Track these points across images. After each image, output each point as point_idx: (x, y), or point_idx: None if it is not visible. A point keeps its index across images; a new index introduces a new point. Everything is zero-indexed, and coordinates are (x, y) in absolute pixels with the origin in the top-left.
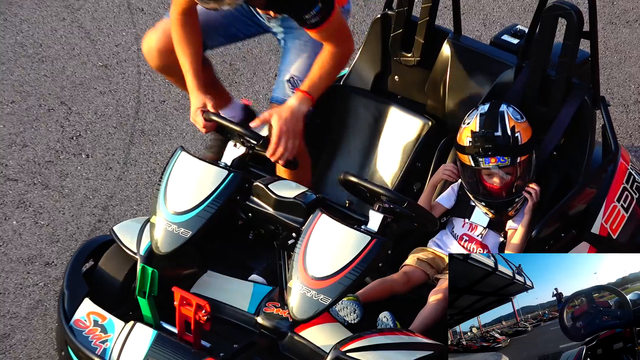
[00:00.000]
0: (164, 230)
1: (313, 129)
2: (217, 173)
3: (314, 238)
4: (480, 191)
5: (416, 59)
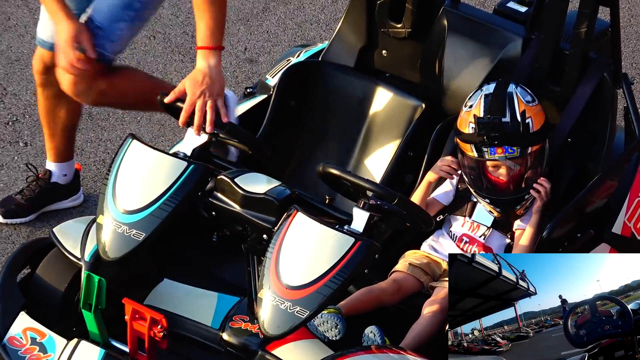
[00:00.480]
0: (113, 232)
1: (287, 113)
2: (174, 165)
3: (288, 240)
4: (484, 186)
5: (407, 31)
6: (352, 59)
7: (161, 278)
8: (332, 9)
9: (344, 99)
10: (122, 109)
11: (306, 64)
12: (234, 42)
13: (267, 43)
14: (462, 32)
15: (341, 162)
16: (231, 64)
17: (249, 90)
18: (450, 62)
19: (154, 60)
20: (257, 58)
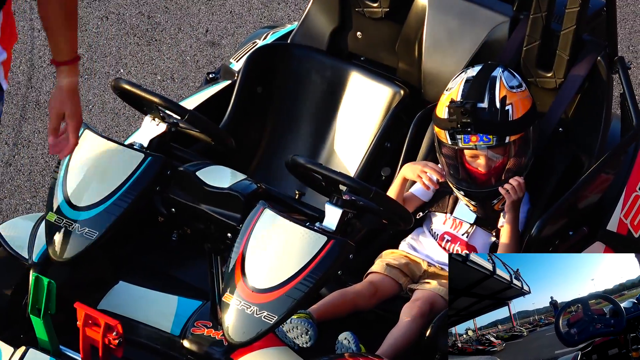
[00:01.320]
0: (64, 231)
1: (253, 100)
2: (130, 157)
3: (254, 239)
4: (460, 177)
5: (384, 10)
6: (324, 42)
7: (116, 280)
8: None
9: (315, 84)
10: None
11: (274, 47)
12: (195, 23)
13: (231, 24)
14: (443, 11)
15: (312, 153)
16: (191, 47)
17: (211, 76)
18: (430, 44)
19: (106, 43)
20: (220, 41)
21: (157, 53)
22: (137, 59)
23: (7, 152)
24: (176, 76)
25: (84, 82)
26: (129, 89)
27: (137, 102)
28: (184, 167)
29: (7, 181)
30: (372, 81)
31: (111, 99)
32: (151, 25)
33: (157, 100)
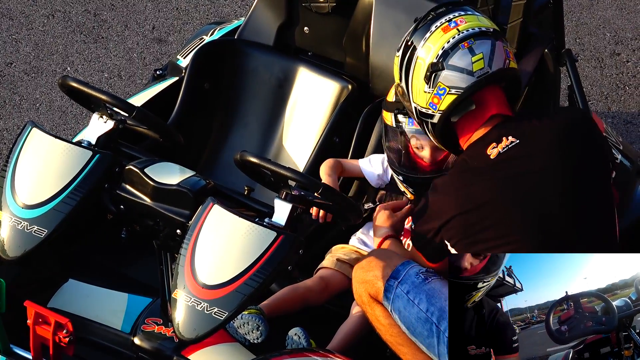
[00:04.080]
0: (12, 229)
1: (200, 96)
2: (78, 154)
3: (204, 235)
4: (402, 162)
5: (331, 5)
6: (271, 37)
7: (66, 278)
8: None
9: (263, 80)
10: None
11: (220, 43)
12: (141, 20)
13: (177, 21)
14: (390, 5)
15: (261, 149)
16: (138, 45)
17: (158, 73)
18: (378, 38)
19: (53, 41)
20: (167, 37)
21: (104, 51)
22: (84, 56)
23: None
24: (123, 74)
25: (30, 80)
26: (76, 87)
27: (85, 99)
28: (132, 164)
29: None
30: (320, 76)
31: (59, 97)
32: (97, 23)
33: (104, 98)
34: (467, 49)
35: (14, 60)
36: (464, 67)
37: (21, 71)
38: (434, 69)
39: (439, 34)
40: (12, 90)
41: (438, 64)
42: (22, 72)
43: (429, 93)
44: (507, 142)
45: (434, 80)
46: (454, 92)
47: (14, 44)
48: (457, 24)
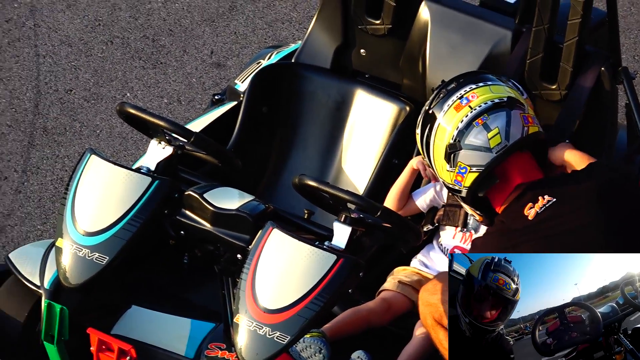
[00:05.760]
0: (74, 256)
1: (259, 120)
2: (138, 181)
3: (264, 259)
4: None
5: (387, 27)
6: (328, 60)
7: (128, 305)
8: (304, 5)
9: (321, 103)
10: None
11: (278, 67)
12: (199, 45)
13: (236, 45)
14: (446, 26)
15: (319, 172)
16: (197, 70)
17: (217, 98)
18: (434, 59)
19: (112, 67)
20: (225, 62)
21: (163, 76)
22: (143, 82)
23: (16, 179)
24: (183, 99)
25: (90, 107)
26: (134, 113)
27: (143, 125)
28: (191, 189)
29: (17, 208)
30: (378, 98)
31: (119, 124)
32: (156, 49)
33: (162, 123)
34: (482, 125)
35: (74, 87)
36: (480, 145)
37: (81, 98)
38: (451, 149)
39: (452, 114)
40: (73, 117)
41: (455, 144)
42: (82, 99)
43: (451, 172)
44: (543, 201)
45: (453, 160)
46: (475, 170)
47: (73, 71)
48: (469, 100)
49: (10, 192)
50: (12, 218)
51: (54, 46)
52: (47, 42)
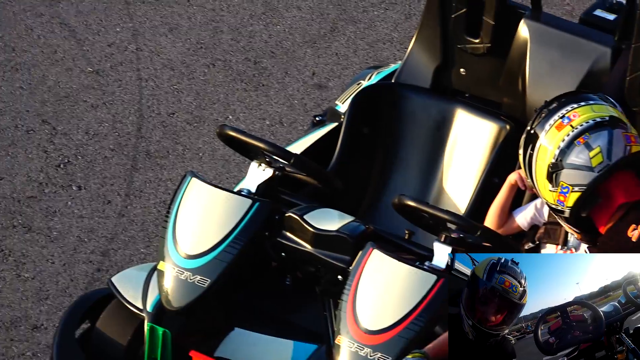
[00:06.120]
0: (176, 279)
1: (359, 141)
2: (239, 203)
3: (365, 280)
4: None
5: (486, 46)
6: (428, 79)
7: (231, 327)
8: (405, 25)
9: (421, 123)
10: None
11: (378, 87)
12: (301, 66)
13: (337, 66)
14: (545, 44)
15: (420, 192)
16: (299, 91)
17: (318, 119)
18: (534, 77)
19: (214, 90)
20: (327, 83)
21: (264, 98)
22: (245, 104)
23: (120, 203)
24: (284, 120)
25: (193, 129)
26: (234, 135)
27: (243, 148)
28: (292, 211)
29: (120, 232)
30: (478, 117)
31: (221, 146)
32: (258, 71)
33: (262, 146)
34: (584, 144)
35: (176, 111)
36: (582, 164)
37: (183, 121)
38: (553, 169)
39: (553, 133)
40: (175, 140)
41: (557, 163)
42: (185, 122)
43: (554, 192)
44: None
45: (555, 179)
46: (578, 190)
47: (175, 94)
48: (571, 120)
49: (114, 216)
50: (116, 242)
51: (156, 69)
52: (150, 66)
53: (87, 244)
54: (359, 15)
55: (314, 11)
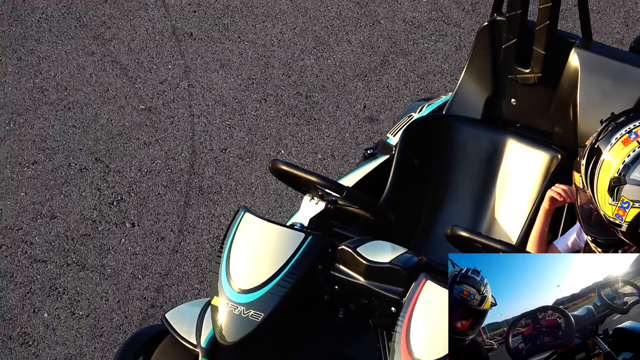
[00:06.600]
0: (229, 314)
1: (411, 173)
2: (291, 237)
3: (418, 311)
4: (592, 222)
5: (537, 76)
6: (479, 110)
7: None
8: (456, 57)
9: (472, 153)
10: None
11: (429, 119)
12: (352, 100)
13: (388, 99)
14: (596, 72)
15: (472, 223)
16: (350, 124)
17: (369, 152)
18: (585, 106)
19: (266, 125)
20: (378, 116)
21: (316, 132)
22: (297, 138)
23: (173, 239)
24: (336, 154)
25: (245, 165)
26: (286, 170)
27: (295, 182)
28: (344, 243)
29: (174, 268)
30: (529, 147)
31: (273, 181)
32: (309, 105)
33: (314, 179)
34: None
35: (229, 146)
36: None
37: (236, 156)
38: (616, 183)
39: (619, 147)
40: (228, 176)
41: (620, 178)
42: (237, 157)
43: (613, 205)
44: None
45: (617, 194)
46: (638, 206)
47: (227, 130)
48: (638, 135)
49: (167, 252)
50: (170, 278)
51: (208, 106)
52: (202, 102)
53: (141, 281)
54: (409, 47)
55: (365, 45)
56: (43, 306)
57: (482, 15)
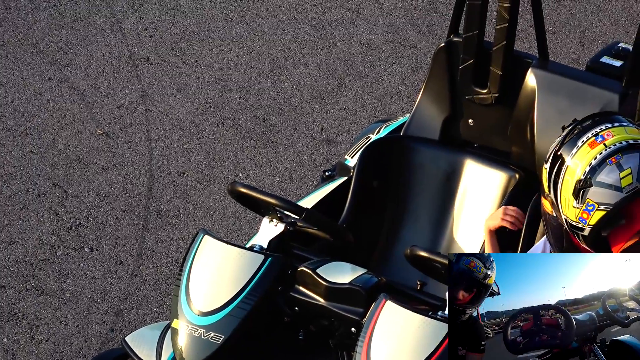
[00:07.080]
0: (189, 337)
1: (369, 194)
2: (251, 259)
3: (378, 332)
4: (563, 248)
5: (494, 96)
6: (437, 131)
7: None
8: (412, 78)
9: (431, 174)
10: None
11: (387, 140)
12: (309, 122)
13: (345, 121)
14: (553, 92)
15: (431, 243)
16: (307, 147)
17: (327, 174)
18: (542, 125)
19: (224, 148)
20: (335, 138)
21: (274, 155)
22: (254, 162)
23: (132, 263)
24: (294, 176)
25: (203, 188)
26: (245, 192)
27: (254, 204)
28: (304, 265)
29: (133, 292)
30: (487, 167)
31: (231, 204)
32: (267, 128)
33: (273, 201)
34: (615, 164)
35: (187, 170)
36: (612, 184)
37: (194, 180)
38: (581, 185)
39: (585, 150)
40: (186, 200)
41: (586, 180)
42: (195, 181)
43: (578, 208)
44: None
45: (582, 196)
46: (603, 209)
47: (185, 154)
48: (604, 138)
49: (126, 276)
50: (129, 302)
51: (166, 130)
52: (159, 126)
53: (100, 305)
54: (366, 70)
55: (321, 67)
56: (2, 331)
57: (438, 37)
